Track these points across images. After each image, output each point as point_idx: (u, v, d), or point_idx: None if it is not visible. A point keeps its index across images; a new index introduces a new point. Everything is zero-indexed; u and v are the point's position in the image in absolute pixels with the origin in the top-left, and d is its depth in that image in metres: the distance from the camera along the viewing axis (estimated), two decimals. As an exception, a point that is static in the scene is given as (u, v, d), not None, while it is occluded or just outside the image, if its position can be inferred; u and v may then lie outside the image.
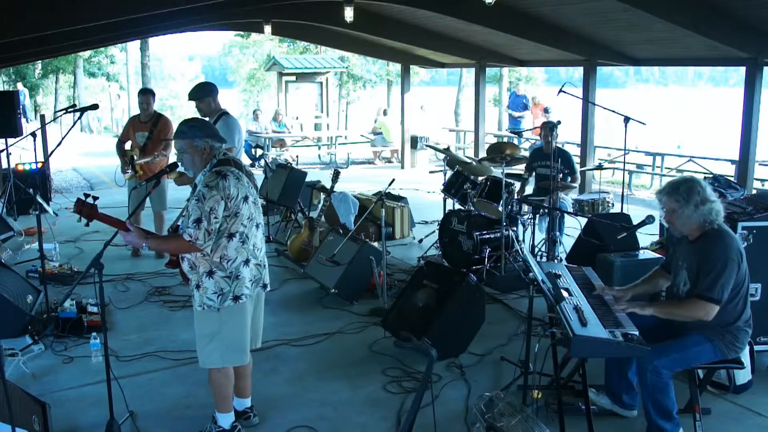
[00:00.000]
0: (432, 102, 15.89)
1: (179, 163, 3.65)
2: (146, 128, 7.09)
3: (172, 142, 3.64)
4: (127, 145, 7.27)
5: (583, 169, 9.58)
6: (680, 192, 3.49)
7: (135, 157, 7.03)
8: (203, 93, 5.81)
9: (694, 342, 3.52)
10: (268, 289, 3.78)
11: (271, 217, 8.51)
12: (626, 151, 7.81)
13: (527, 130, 13.49)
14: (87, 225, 3.52)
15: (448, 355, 4.74)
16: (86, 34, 8.33)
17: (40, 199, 6.50)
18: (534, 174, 7.31)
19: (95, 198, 3.46)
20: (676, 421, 3.54)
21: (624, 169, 8.25)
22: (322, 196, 8.17)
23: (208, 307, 3.51)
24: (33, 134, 6.00)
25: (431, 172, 10.88)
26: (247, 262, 3.55)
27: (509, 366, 4.59)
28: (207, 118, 5.83)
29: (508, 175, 6.54)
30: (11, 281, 5.31)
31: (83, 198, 3.45)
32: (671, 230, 3.69)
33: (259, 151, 11.58)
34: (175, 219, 4.94)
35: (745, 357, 3.80)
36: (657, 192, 3.72)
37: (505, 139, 13.59)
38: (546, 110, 13.75)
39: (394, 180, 6.30)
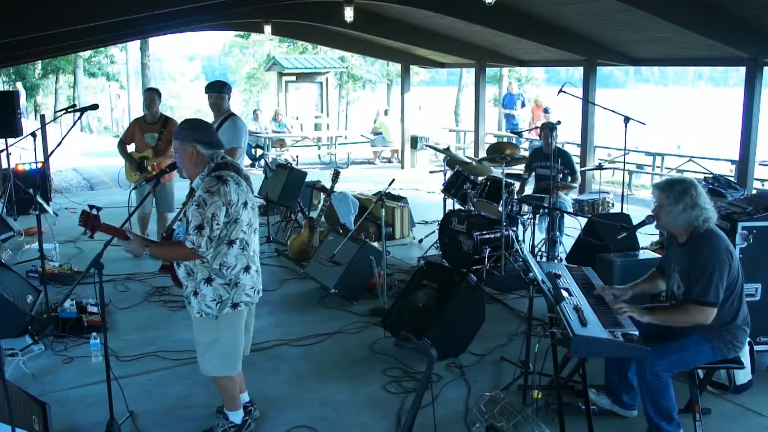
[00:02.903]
0: (430, 102, 15.89)
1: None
2: (155, 129, 7.06)
3: None
4: (131, 147, 7.21)
5: (583, 169, 9.57)
6: (673, 191, 3.50)
7: (147, 158, 6.98)
8: (224, 88, 6.11)
9: (694, 343, 3.52)
10: (261, 295, 3.74)
11: (271, 217, 8.51)
12: (626, 151, 7.81)
13: (527, 130, 13.49)
14: (91, 237, 3.50)
15: (448, 355, 4.74)
16: (86, 34, 8.33)
17: (40, 199, 6.50)
18: (534, 174, 7.31)
19: (98, 209, 3.43)
20: (677, 422, 3.54)
21: (624, 169, 8.24)
22: (322, 196, 8.17)
23: (206, 315, 3.46)
24: (33, 134, 6.00)
25: (431, 172, 10.89)
26: (247, 269, 3.51)
27: (509, 366, 4.59)
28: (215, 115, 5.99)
29: (508, 175, 6.54)
30: (11, 281, 5.31)
31: (87, 210, 3.42)
32: (656, 225, 3.71)
33: (259, 151, 11.59)
34: (170, 222, 4.92)
35: (745, 357, 3.80)
36: (653, 184, 3.73)
37: (505, 139, 13.59)
38: (546, 110, 13.77)
39: (394, 180, 6.29)
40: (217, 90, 6.09)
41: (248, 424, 3.81)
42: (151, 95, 7.20)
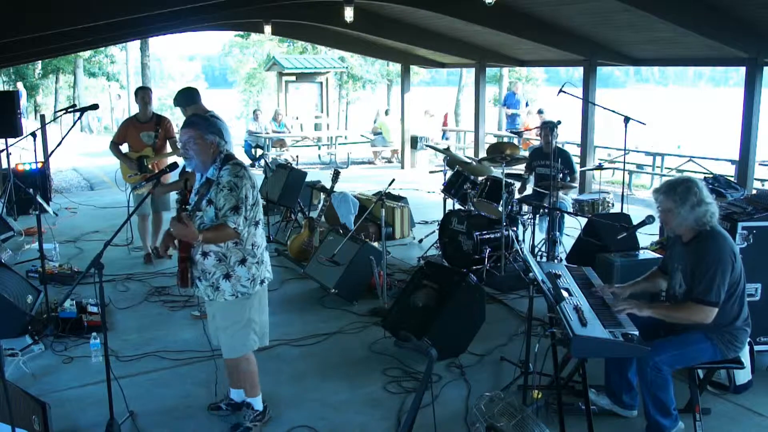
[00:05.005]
0: (429, 102, 15.92)
1: (182, 158, 3.67)
2: (150, 128, 6.89)
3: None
4: (124, 148, 6.97)
5: (583, 169, 9.58)
6: (677, 192, 3.48)
7: (148, 158, 6.80)
8: (184, 101, 5.80)
9: (695, 340, 3.52)
10: None
11: (271, 217, 8.51)
12: (626, 151, 7.80)
13: (525, 130, 13.48)
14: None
15: (448, 355, 4.74)
16: (86, 34, 8.33)
17: (40, 199, 6.51)
18: (534, 174, 7.31)
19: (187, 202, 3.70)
20: (675, 416, 3.55)
21: (624, 169, 8.24)
22: (322, 196, 8.17)
23: (242, 294, 3.61)
24: (33, 134, 5.99)
25: (431, 172, 10.88)
26: (266, 247, 3.79)
27: (509, 366, 4.59)
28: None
29: (508, 175, 6.54)
30: (11, 281, 5.31)
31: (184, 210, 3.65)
32: (665, 230, 3.69)
33: (259, 151, 11.56)
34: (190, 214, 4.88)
35: (745, 357, 3.80)
36: (654, 190, 3.71)
37: (505, 139, 13.59)
38: (540, 111, 13.82)
39: (394, 180, 6.30)
40: (179, 105, 5.80)
41: (268, 410, 3.93)
42: (148, 94, 7.06)
